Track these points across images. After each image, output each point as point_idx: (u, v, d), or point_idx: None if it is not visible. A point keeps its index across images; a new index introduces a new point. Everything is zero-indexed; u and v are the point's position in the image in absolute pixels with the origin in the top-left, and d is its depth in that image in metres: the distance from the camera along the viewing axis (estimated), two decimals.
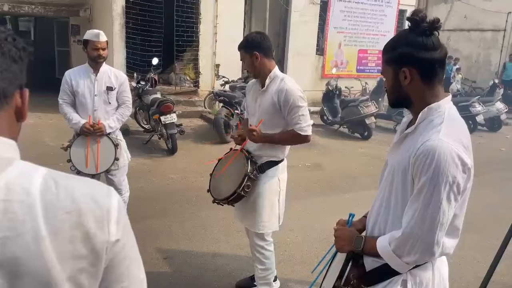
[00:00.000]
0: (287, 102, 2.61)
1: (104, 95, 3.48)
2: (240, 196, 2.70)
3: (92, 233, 0.71)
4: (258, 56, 2.65)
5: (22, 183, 0.69)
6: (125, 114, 3.63)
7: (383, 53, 1.50)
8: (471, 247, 3.86)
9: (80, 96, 3.44)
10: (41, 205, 0.68)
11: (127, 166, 3.76)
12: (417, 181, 1.35)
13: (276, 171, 2.80)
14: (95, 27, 4.71)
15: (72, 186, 0.73)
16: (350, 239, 1.57)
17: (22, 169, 0.71)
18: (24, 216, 0.66)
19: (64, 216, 0.69)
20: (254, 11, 12.79)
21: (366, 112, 8.67)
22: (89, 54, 3.39)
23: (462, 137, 1.37)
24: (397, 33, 1.53)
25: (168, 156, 6.76)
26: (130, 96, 3.69)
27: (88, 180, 0.79)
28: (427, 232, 1.34)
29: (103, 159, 3.45)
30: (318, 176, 6.27)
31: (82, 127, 3.38)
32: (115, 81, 3.53)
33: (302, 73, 11.88)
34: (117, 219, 0.75)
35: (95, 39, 3.34)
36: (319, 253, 3.74)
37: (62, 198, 0.70)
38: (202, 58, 10.65)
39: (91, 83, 3.45)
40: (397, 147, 1.52)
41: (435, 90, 1.43)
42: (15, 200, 0.67)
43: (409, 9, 13.60)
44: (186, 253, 3.67)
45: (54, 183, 0.71)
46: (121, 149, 3.59)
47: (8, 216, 0.66)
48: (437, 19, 1.39)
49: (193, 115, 9.52)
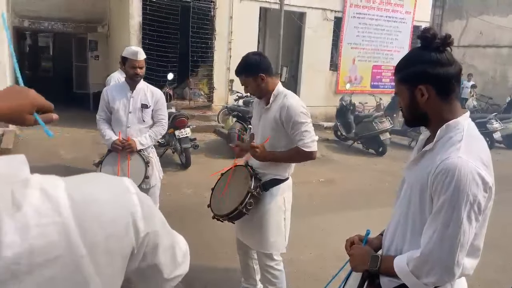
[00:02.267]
0: (289, 118, 2.54)
1: (138, 112, 3.45)
2: (241, 214, 2.61)
3: (123, 237, 0.72)
4: (263, 77, 2.60)
5: (49, 204, 0.66)
6: (159, 132, 3.58)
7: (396, 72, 1.48)
8: (491, 267, 3.75)
9: (115, 113, 3.44)
10: (75, 223, 0.67)
11: (159, 186, 3.68)
12: (436, 200, 1.32)
13: (281, 189, 2.71)
14: (113, 43, 4.81)
15: (94, 193, 0.72)
16: (365, 258, 1.54)
17: (42, 189, 0.68)
18: (60, 237, 0.65)
19: (97, 229, 0.69)
20: (269, 28, 12.93)
21: (381, 128, 8.60)
22: (127, 72, 3.39)
23: (482, 155, 1.34)
24: (409, 52, 1.51)
25: (182, 170, 6.78)
26: (166, 114, 3.65)
27: (104, 179, 0.77)
28: (447, 253, 1.30)
29: (133, 177, 3.35)
30: (332, 192, 6.20)
31: (113, 143, 3.37)
32: (151, 98, 3.50)
33: (316, 89, 11.91)
34: (142, 215, 0.75)
35: (133, 58, 3.32)
36: (333, 271, 3.66)
37: (90, 210, 0.69)
38: (216, 74, 10.76)
39: (127, 100, 3.44)
40: (414, 165, 1.49)
41: (452, 106, 1.41)
42: (48, 223, 0.65)
43: (424, 25, 13.60)
44: (198, 267, 3.64)
45: (77, 196, 0.69)
46: (152, 167, 3.53)
47: (44, 240, 0.64)
48: (448, 35, 1.38)
49: (207, 130, 9.57)
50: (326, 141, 9.79)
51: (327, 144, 9.55)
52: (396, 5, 12.82)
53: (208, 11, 10.47)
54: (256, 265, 3.02)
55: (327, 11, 11.85)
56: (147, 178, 3.44)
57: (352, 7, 12.11)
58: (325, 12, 11.83)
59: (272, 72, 2.71)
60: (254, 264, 3.06)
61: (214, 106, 10.76)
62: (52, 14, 11.05)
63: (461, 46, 17.07)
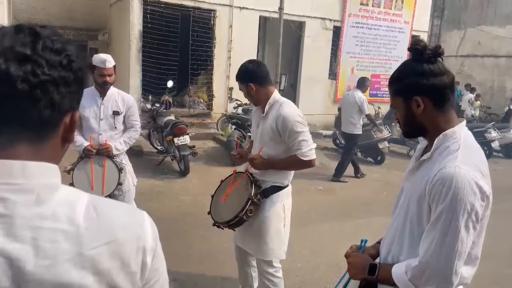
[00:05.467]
0: (285, 128, 2.55)
1: (110, 119, 3.43)
2: (242, 221, 2.62)
3: (128, 263, 0.73)
4: (253, 87, 2.64)
5: (67, 211, 0.70)
6: (133, 137, 3.58)
7: (390, 85, 1.49)
8: (489, 276, 3.74)
9: (86, 120, 3.39)
10: (83, 235, 0.69)
11: (133, 191, 3.66)
12: (434, 209, 1.33)
13: (281, 196, 2.72)
14: (113, 51, 4.82)
15: (112, 214, 0.74)
16: (363, 267, 1.54)
17: (66, 196, 0.72)
18: (67, 245, 0.68)
19: (104, 247, 0.71)
20: (268, 37, 13.01)
21: (379, 137, 8.62)
22: (96, 79, 3.36)
23: (480, 164, 1.35)
24: (402, 64, 1.50)
25: (180, 178, 6.78)
26: (138, 119, 3.65)
27: (125, 206, 0.81)
28: (445, 262, 1.31)
29: (107, 183, 3.37)
30: (330, 200, 6.20)
31: (85, 149, 3.33)
32: (122, 105, 3.48)
33: (314, 98, 11.95)
34: (152, 247, 0.77)
35: (101, 66, 3.28)
36: (331, 280, 3.67)
37: (102, 228, 0.72)
38: (216, 82, 10.80)
39: (97, 107, 3.41)
40: (412, 174, 1.50)
41: (448, 115, 1.43)
42: (60, 229, 0.68)
43: (422, 35, 13.71)
44: (196, 276, 3.63)
45: (95, 212, 0.72)
46: (125, 174, 3.51)
47: (53, 245, 0.67)
48: (438, 45, 1.41)
49: (206, 137, 9.58)
50: (325, 150, 9.80)
51: (326, 153, 9.56)
52: (395, 15, 12.92)
53: (208, 19, 10.54)
54: (255, 272, 3.02)
55: (326, 21, 11.94)
56: (120, 185, 3.41)
57: (351, 17, 12.20)
58: (324, 22, 11.92)
59: (268, 80, 2.72)
60: (252, 272, 3.06)
61: (213, 114, 10.79)
62: (53, 22, 11.11)
63: (459, 56, 17.19)
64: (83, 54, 0.75)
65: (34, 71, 0.67)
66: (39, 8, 11.41)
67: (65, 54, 0.71)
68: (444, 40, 17.91)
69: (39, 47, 0.68)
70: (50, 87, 0.68)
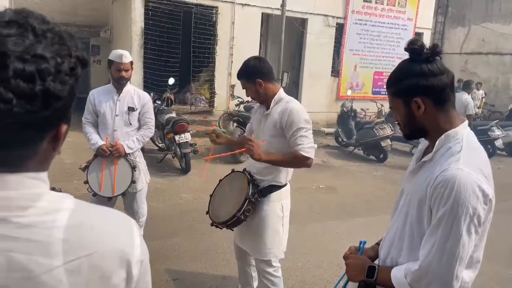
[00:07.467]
0: (291, 122, 2.51)
1: (125, 115, 3.43)
2: (239, 220, 2.59)
3: (109, 276, 0.70)
4: (261, 83, 2.58)
5: (46, 222, 0.67)
6: (146, 136, 3.55)
7: (388, 87, 1.45)
8: (490, 277, 3.71)
9: (102, 116, 3.41)
10: (62, 247, 0.67)
11: (146, 189, 3.65)
12: (435, 212, 1.30)
13: (279, 196, 2.69)
14: (115, 48, 4.79)
15: (95, 224, 0.72)
16: (362, 268, 1.51)
17: (48, 205, 0.69)
18: (43, 258, 0.65)
19: (83, 259, 0.68)
20: (270, 33, 12.96)
21: (382, 135, 8.58)
22: (112, 74, 3.38)
23: (483, 166, 1.32)
24: (399, 65, 1.46)
25: (181, 175, 6.76)
26: (153, 117, 3.63)
27: (114, 215, 0.77)
28: (446, 267, 1.27)
29: (120, 182, 3.36)
30: (332, 198, 6.17)
31: (99, 149, 3.33)
32: (138, 102, 3.48)
33: (317, 95, 11.91)
34: (139, 258, 0.75)
35: (118, 61, 3.31)
36: (331, 279, 3.64)
37: (83, 239, 0.69)
38: (217, 79, 10.78)
39: (113, 103, 3.42)
40: (413, 176, 1.47)
41: (449, 115, 1.40)
42: (37, 240, 0.66)
43: (426, 32, 13.62)
44: (196, 274, 3.62)
45: (77, 222, 0.70)
46: (139, 172, 3.50)
47: (29, 257, 0.65)
48: (436, 44, 1.37)
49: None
50: (327, 147, 9.77)
51: (328, 150, 9.53)
52: (398, 12, 12.84)
53: (210, 16, 10.51)
54: (254, 272, 3.00)
55: (329, 18, 11.88)
56: (133, 183, 3.41)
57: (354, 14, 12.13)
58: (327, 19, 11.85)
59: (273, 77, 2.69)
60: (252, 271, 3.04)
61: (215, 111, 10.77)
62: (55, 19, 11.10)
63: (463, 53, 17.08)
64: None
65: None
66: (42, 4, 11.41)
67: (38, 83, 0.62)
68: (448, 37, 17.80)
69: (10, 73, 0.61)
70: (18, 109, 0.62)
